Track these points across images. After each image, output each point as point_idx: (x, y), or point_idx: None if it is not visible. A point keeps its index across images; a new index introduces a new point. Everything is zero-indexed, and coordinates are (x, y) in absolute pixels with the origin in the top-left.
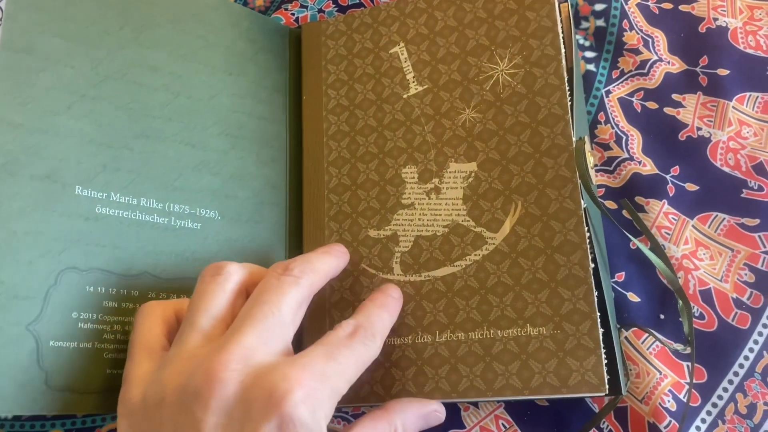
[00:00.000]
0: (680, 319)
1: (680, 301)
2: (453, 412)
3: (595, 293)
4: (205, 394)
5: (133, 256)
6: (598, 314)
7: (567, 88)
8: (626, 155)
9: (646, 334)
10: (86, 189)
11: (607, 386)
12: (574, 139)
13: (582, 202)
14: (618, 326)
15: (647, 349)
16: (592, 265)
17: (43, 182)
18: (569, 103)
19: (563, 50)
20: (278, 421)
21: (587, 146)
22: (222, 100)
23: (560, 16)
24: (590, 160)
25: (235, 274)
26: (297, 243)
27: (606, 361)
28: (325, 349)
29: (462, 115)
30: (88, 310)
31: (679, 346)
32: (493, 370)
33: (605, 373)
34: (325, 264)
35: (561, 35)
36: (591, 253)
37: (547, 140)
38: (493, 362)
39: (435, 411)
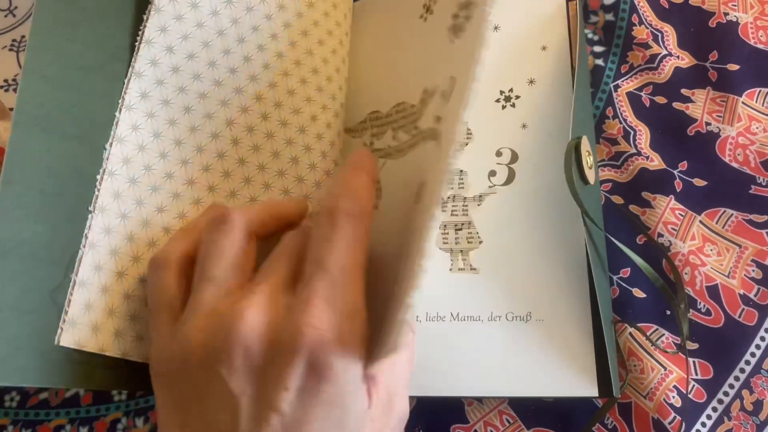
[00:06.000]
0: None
1: (681, 305)
2: (457, 408)
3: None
4: (229, 354)
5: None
6: (591, 314)
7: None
8: (634, 150)
9: (652, 329)
10: None
11: (597, 388)
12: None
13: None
14: (615, 324)
15: (651, 345)
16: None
17: (73, 142)
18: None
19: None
20: (306, 361)
21: (586, 146)
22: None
23: (568, 13)
24: (588, 161)
25: (238, 220)
26: None
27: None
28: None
29: None
30: None
31: (670, 349)
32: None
33: (596, 375)
34: (366, 191)
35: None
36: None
37: None
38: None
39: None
